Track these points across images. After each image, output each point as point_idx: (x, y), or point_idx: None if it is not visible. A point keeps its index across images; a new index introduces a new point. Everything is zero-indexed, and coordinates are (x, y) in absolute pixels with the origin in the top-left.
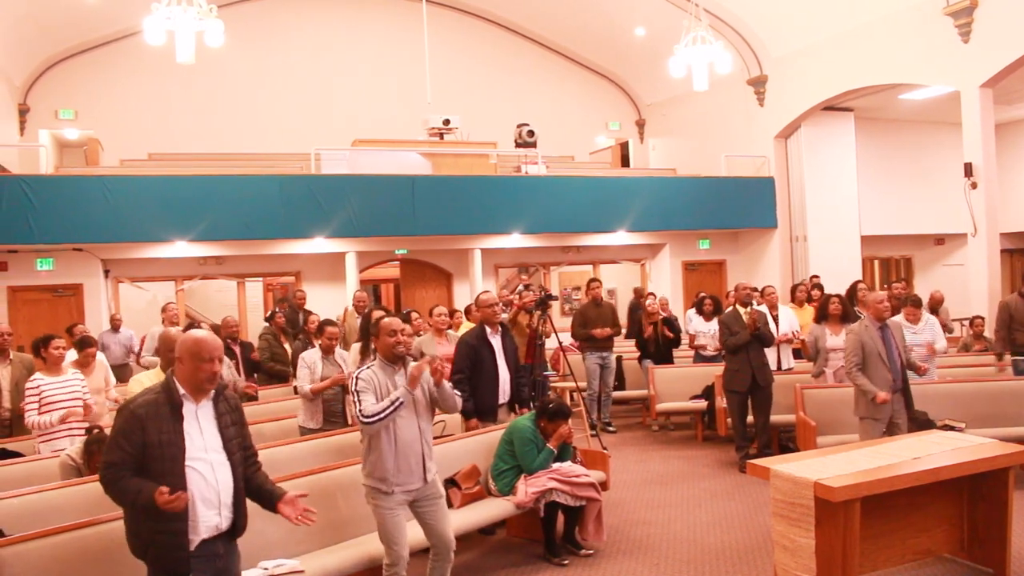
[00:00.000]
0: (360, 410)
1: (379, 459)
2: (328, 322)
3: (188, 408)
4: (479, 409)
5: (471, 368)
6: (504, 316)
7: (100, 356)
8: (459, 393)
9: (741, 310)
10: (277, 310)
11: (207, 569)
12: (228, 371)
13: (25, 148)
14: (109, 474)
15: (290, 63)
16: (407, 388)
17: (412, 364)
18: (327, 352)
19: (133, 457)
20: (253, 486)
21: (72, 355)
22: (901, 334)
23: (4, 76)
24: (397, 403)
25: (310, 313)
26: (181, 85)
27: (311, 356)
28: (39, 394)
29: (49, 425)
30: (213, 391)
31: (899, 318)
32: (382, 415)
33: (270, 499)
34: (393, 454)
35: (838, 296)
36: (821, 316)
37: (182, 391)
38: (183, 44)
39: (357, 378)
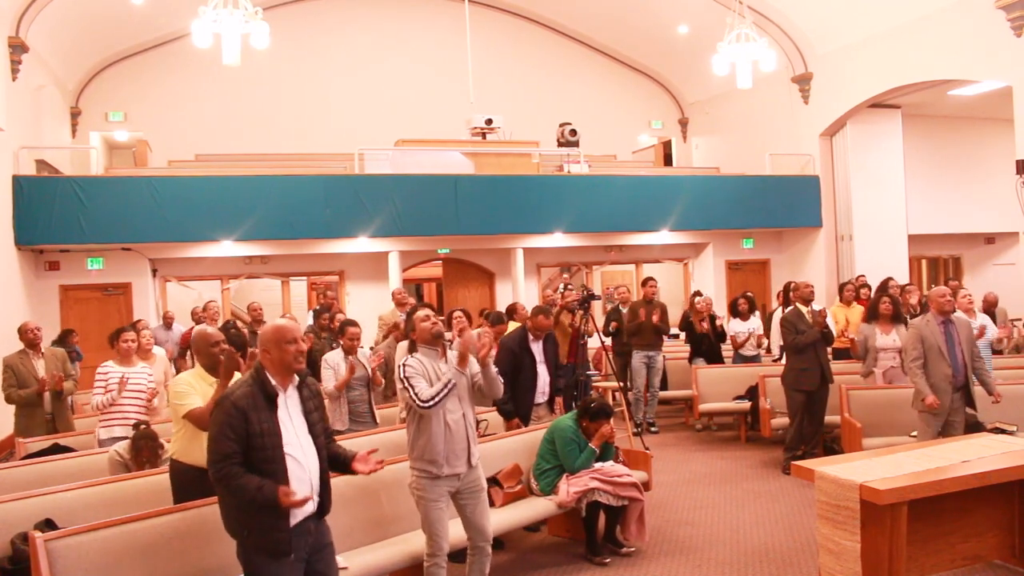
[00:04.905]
0: (415, 395)
1: (429, 442)
2: (349, 322)
3: (280, 398)
4: (517, 411)
5: (511, 372)
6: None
7: (160, 351)
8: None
9: (803, 309)
10: (318, 307)
11: (302, 547)
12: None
13: (77, 150)
14: (223, 469)
15: (334, 64)
16: (457, 369)
17: (456, 341)
18: (349, 352)
19: (240, 447)
20: (329, 455)
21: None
22: (968, 331)
23: (57, 81)
24: (450, 385)
25: (335, 311)
26: (227, 87)
27: (334, 357)
28: (107, 380)
29: (111, 402)
30: (297, 379)
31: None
32: (437, 398)
33: (344, 461)
34: (443, 437)
35: (888, 295)
36: (871, 315)
37: (273, 381)
38: (229, 47)
39: (405, 366)
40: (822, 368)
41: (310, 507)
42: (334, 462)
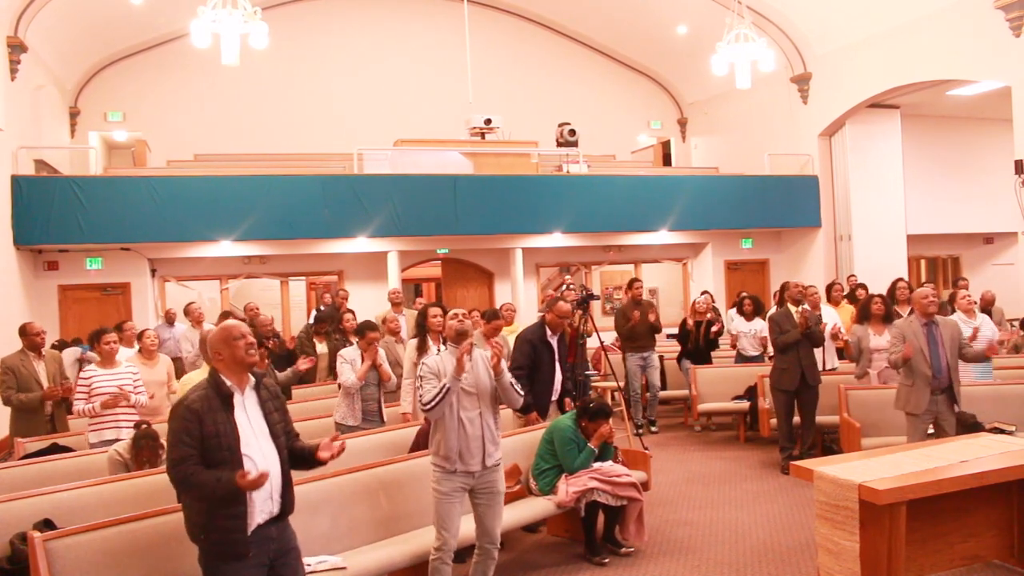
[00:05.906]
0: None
1: (443, 438)
2: (369, 325)
3: (236, 399)
4: (536, 405)
5: (530, 366)
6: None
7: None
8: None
9: (792, 308)
10: (322, 307)
11: (263, 552)
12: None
13: (76, 150)
14: (180, 472)
15: (333, 64)
16: (453, 376)
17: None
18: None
19: (196, 451)
20: (295, 453)
21: (125, 351)
22: (955, 333)
23: (56, 80)
24: (444, 391)
25: (345, 311)
26: (226, 87)
27: (351, 353)
28: (90, 385)
29: (91, 412)
30: (253, 380)
31: (955, 317)
32: (434, 403)
33: (310, 455)
34: (456, 435)
35: (880, 296)
36: (863, 316)
37: (228, 382)
38: (228, 46)
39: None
40: (803, 369)
41: (270, 508)
42: (300, 459)
